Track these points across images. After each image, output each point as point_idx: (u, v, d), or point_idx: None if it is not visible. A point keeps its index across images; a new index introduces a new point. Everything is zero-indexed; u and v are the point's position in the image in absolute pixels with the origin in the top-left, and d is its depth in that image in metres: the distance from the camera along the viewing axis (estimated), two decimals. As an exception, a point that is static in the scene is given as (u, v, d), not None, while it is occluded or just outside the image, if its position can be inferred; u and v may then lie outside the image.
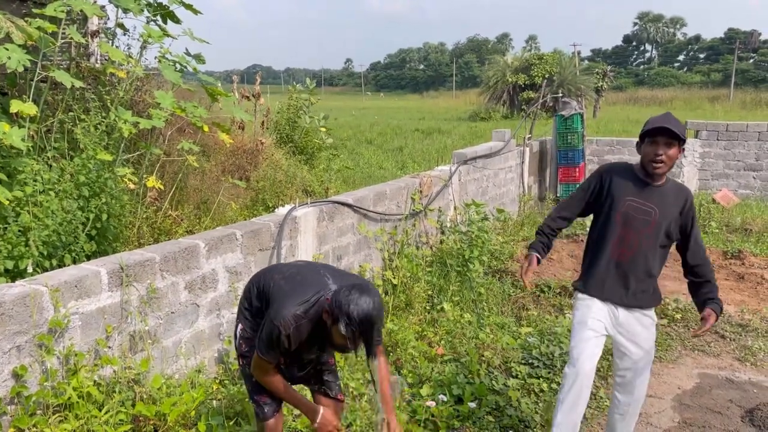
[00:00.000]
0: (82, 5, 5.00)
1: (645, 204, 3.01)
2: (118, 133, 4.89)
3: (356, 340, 2.33)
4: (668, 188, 3.05)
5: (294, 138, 10.01)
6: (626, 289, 3.08)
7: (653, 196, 3.02)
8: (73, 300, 3.05)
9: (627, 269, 3.06)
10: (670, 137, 2.90)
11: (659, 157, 2.92)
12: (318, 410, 2.66)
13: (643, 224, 3.01)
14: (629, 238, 3.04)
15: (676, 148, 2.93)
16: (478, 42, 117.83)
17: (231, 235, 4.01)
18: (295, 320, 2.43)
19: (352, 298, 2.30)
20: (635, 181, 3.07)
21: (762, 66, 74.48)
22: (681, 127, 2.92)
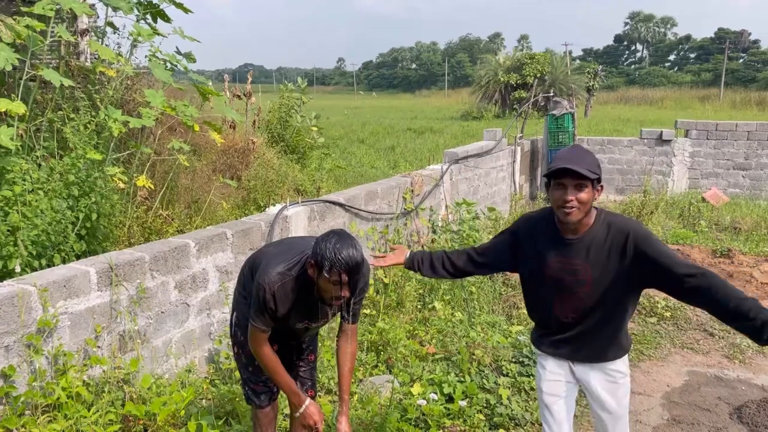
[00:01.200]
0: (71, 4, 4.97)
1: (569, 264, 2.52)
2: (107, 132, 4.87)
3: (343, 283, 2.34)
4: (594, 233, 2.50)
5: (285, 137, 10.00)
6: (578, 351, 2.66)
7: (577, 253, 2.51)
8: (62, 300, 3.04)
9: (577, 331, 2.62)
10: (578, 178, 2.39)
11: (569, 203, 2.41)
12: (304, 401, 2.66)
13: (577, 285, 2.53)
14: (568, 299, 2.57)
15: (589, 188, 2.41)
16: (470, 41, 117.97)
17: (221, 235, 4.01)
18: (280, 278, 2.45)
19: (331, 241, 2.34)
20: (554, 235, 2.57)
21: (751, 66, 74.95)
22: (591, 163, 2.43)
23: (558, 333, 2.67)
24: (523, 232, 2.71)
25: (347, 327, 2.74)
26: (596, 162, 2.47)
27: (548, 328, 2.71)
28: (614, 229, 2.48)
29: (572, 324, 2.61)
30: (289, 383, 2.64)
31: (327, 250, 2.31)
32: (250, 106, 9.52)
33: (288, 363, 2.84)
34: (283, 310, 2.50)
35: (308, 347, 2.91)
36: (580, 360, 2.67)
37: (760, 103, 41.00)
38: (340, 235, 2.38)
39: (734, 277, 6.92)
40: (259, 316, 2.50)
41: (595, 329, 2.59)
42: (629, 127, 22.63)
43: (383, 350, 4.60)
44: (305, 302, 2.54)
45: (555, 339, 2.69)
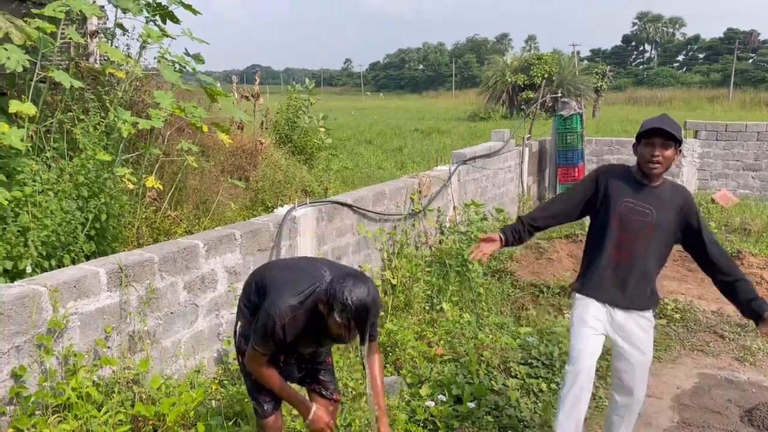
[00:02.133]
0: (81, 5, 5.00)
1: (641, 205, 2.98)
2: (117, 134, 4.89)
3: (352, 328, 2.33)
4: (665, 189, 3.02)
5: (293, 138, 10.01)
6: (623, 291, 3.03)
7: (650, 197, 2.99)
8: (72, 300, 3.05)
9: (625, 271, 3.02)
10: (666, 138, 2.89)
11: (655, 158, 2.91)
12: (311, 407, 2.66)
13: (641, 225, 2.97)
14: (626, 240, 2.99)
15: (673, 149, 2.92)
16: (478, 42, 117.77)
17: (230, 236, 4.01)
18: (291, 311, 2.43)
19: (347, 285, 2.31)
20: (631, 182, 3.04)
21: (761, 66, 74.47)
22: (677, 128, 2.92)
23: (610, 274, 3.03)
24: (603, 175, 3.12)
25: (368, 345, 2.71)
26: (680, 129, 2.96)
27: (601, 270, 3.05)
28: (677, 188, 3.07)
29: (624, 266, 3.00)
30: (293, 395, 2.65)
31: (340, 293, 2.30)
32: (258, 107, 9.53)
33: (303, 369, 2.83)
34: (291, 339, 2.50)
35: (324, 350, 2.90)
36: (622, 305, 3.04)
37: (770, 103, 40.72)
38: (356, 278, 2.36)
39: (744, 279, 6.88)
40: (264, 343, 2.50)
41: (642, 274, 3.00)
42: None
43: (391, 351, 4.60)
44: (314, 331, 2.53)
45: (606, 281, 3.04)
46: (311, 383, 2.88)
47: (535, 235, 3.36)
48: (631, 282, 3.02)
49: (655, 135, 2.90)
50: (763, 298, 2.98)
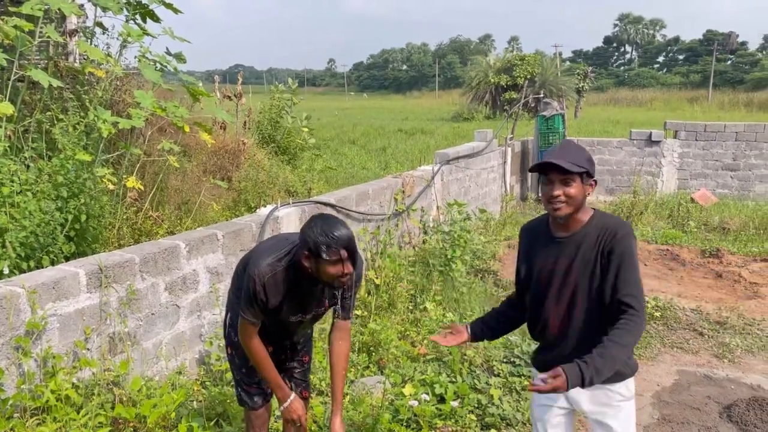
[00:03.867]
0: (60, 4, 4.94)
1: (558, 263, 2.38)
2: (97, 133, 4.84)
3: (345, 260, 2.34)
4: (585, 234, 2.35)
5: (276, 138, 9.97)
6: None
7: (567, 251, 2.37)
8: (51, 302, 3.02)
9: (564, 345, 2.41)
10: (564, 173, 2.28)
11: (555, 198, 2.30)
12: (289, 395, 2.65)
13: (564, 287, 2.38)
14: (554, 307, 2.42)
15: (578, 183, 2.29)
16: (461, 43, 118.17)
17: (212, 236, 3.99)
18: (270, 269, 2.44)
19: (318, 225, 2.35)
20: (545, 237, 2.45)
21: (739, 67, 75.54)
22: (577, 157, 2.31)
23: (547, 347, 2.50)
24: (524, 242, 2.59)
25: (341, 324, 2.72)
26: (585, 156, 2.34)
27: (539, 341, 2.55)
28: (604, 230, 2.31)
29: (559, 336, 2.42)
30: (275, 377, 2.63)
31: (318, 235, 2.32)
32: (241, 107, 9.49)
33: (282, 364, 2.83)
34: (275, 302, 2.49)
35: (303, 348, 2.90)
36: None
37: (748, 104, 41.35)
38: (324, 218, 2.41)
39: (723, 277, 6.98)
40: (249, 308, 2.49)
41: (583, 343, 2.28)
42: (619, 128, 22.76)
43: (375, 351, 4.60)
44: (297, 294, 2.52)
45: (544, 355, 2.52)
46: (284, 379, 2.87)
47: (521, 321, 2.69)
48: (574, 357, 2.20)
49: (549, 170, 2.32)
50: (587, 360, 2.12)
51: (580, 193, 2.30)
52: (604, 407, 2.43)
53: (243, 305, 2.51)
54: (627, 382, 2.43)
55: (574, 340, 2.37)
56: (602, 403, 2.43)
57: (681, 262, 7.52)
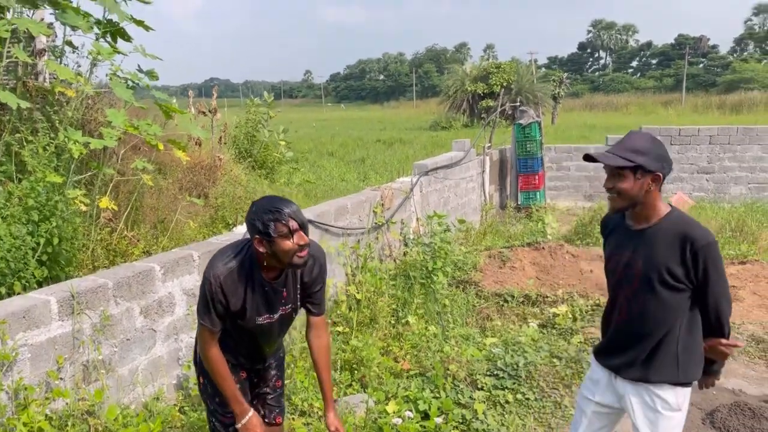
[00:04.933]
0: (27, 24, 4.86)
1: (625, 254, 2.45)
2: (67, 154, 4.75)
3: (296, 231, 2.29)
4: (657, 231, 2.37)
5: (253, 152, 9.91)
6: (623, 359, 2.48)
7: (636, 243, 2.42)
8: (22, 331, 2.93)
9: (624, 336, 2.49)
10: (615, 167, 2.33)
11: (609, 190, 2.38)
12: (247, 411, 2.53)
13: (628, 279, 2.44)
14: (620, 297, 2.50)
15: (630, 176, 2.30)
16: (437, 52, 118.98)
17: (188, 257, 3.92)
18: (226, 268, 2.37)
19: (259, 206, 2.31)
20: (620, 227, 2.51)
21: (711, 70, 77.05)
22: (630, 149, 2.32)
23: (609, 336, 2.56)
24: (603, 227, 2.69)
25: (315, 320, 2.68)
26: (642, 148, 2.30)
27: (606, 329, 2.61)
28: (679, 229, 2.34)
29: (621, 327, 2.49)
30: (233, 390, 2.52)
31: (262, 214, 2.28)
32: (216, 122, 9.40)
33: (254, 389, 2.77)
34: (236, 302, 2.40)
35: (276, 374, 2.83)
36: (623, 373, 2.47)
37: (721, 106, 42.16)
38: (264, 198, 2.37)
39: (701, 281, 7.03)
40: (207, 314, 2.41)
41: (640, 337, 2.41)
42: (595, 133, 23.03)
43: (357, 369, 4.55)
44: (259, 291, 2.44)
45: (605, 344, 2.59)
46: (257, 405, 2.80)
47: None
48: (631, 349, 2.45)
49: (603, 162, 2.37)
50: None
51: (632, 188, 2.31)
52: (650, 411, 2.42)
53: (201, 310, 2.42)
54: (677, 390, 2.41)
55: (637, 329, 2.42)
56: (649, 406, 2.42)
57: (660, 267, 7.57)
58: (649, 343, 2.40)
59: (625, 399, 2.49)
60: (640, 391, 2.44)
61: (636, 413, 2.46)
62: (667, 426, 2.42)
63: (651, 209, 2.38)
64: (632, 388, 2.46)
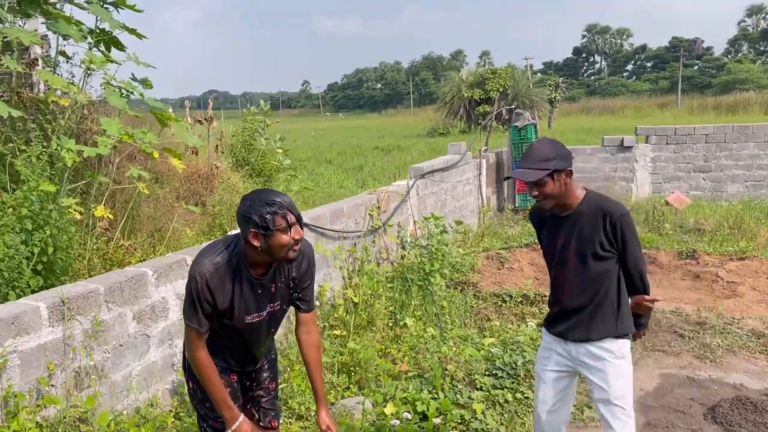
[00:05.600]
0: (19, 33, 4.86)
1: (560, 237, 2.83)
2: (61, 163, 4.73)
3: (293, 223, 2.26)
4: (581, 213, 2.78)
5: (250, 161, 9.89)
6: (571, 326, 2.87)
7: (566, 227, 2.81)
8: (11, 338, 2.90)
9: (569, 307, 2.87)
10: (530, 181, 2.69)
11: (536, 198, 2.76)
12: (238, 417, 2.47)
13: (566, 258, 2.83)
14: (561, 275, 2.88)
15: (551, 182, 2.67)
16: (433, 59, 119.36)
17: (181, 261, 3.90)
18: (213, 266, 2.31)
19: (251, 200, 2.27)
20: (549, 215, 2.90)
21: (706, 72, 77.23)
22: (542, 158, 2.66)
23: (558, 309, 2.93)
24: (532, 221, 3.08)
25: (304, 317, 2.65)
26: (549, 154, 2.68)
27: (552, 305, 3.00)
28: (597, 208, 2.76)
29: (565, 299, 2.88)
30: (223, 395, 2.46)
31: (260, 207, 2.23)
32: (212, 131, 9.40)
33: (247, 393, 2.72)
34: (223, 301, 2.34)
35: (268, 375, 2.78)
36: (571, 336, 2.88)
37: (717, 107, 42.22)
38: (256, 191, 2.33)
39: (701, 278, 7.01)
40: (194, 314, 2.34)
41: (582, 304, 2.82)
42: (592, 136, 23.02)
43: (354, 371, 4.51)
44: (247, 288, 2.39)
45: (554, 316, 2.97)
46: (251, 409, 2.75)
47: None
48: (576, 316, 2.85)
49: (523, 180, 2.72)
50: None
51: (554, 189, 2.70)
52: (599, 362, 2.82)
53: (187, 310, 2.36)
54: (617, 342, 2.83)
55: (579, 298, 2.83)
56: (597, 358, 2.82)
57: (659, 266, 7.54)
58: (590, 307, 2.82)
59: (576, 359, 2.89)
60: (587, 348, 2.84)
61: (587, 367, 2.87)
62: (616, 372, 2.82)
63: (571, 197, 2.79)
64: (581, 348, 2.86)
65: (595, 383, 2.84)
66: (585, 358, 2.85)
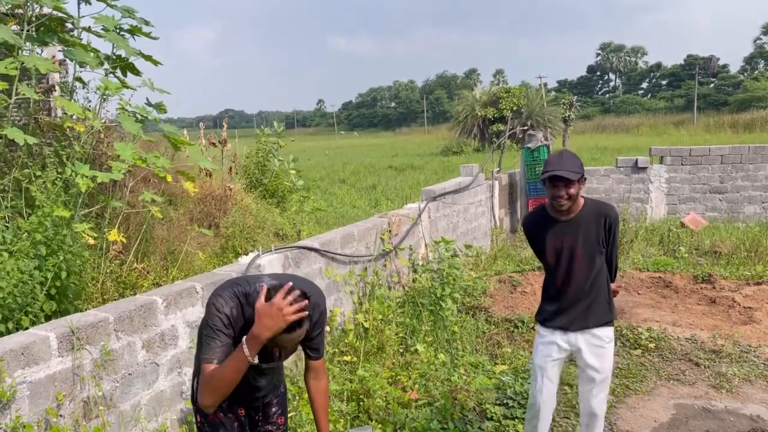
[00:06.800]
0: (35, 61, 4.95)
1: (566, 240, 3.29)
2: (75, 188, 4.79)
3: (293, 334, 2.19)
4: (583, 216, 3.30)
5: (264, 182, 9.97)
6: (573, 317, 3.35)
7: (571, 230, 3.30)
8: (20, 368, 2.91)
9: (572, 300, 3.34)
10: (567, 180, 3.16)
11: (561, 197, 3.20)
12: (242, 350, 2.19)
13: (573, 257, 3.29)
14: (566, 272, 3.32)
15: (576, 185, 3.19)
16: (447, 78, 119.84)
17: (191, 289, 3.91)
18: (235, 296, 2.32)
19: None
20: (551, 221, 3.35)
21: (722, 90, 76.70)
22: (575, 167, 3.19)
23: (560, 305, 3.36)
24: (529, 229, 3.49)
25: (314, 364, 2.64)
26: (579, 163, 3.24)
27: (553, 301, 3.40)
28: (597, 211, 3.31)
29: (569, 294, 3.32)
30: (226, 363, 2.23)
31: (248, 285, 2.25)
32: (226, 153, 9.49)
33: (255, 427, 2.70)
34: (237, 331, 2.30)
35: (277, 410, 2.76)
36: (573, 328, 3.34)
37: (733, 125, 41.89)
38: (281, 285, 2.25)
39: (717, 303, 6.90)
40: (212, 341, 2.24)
41: (585, 297, 3.31)
42: (606, 155, 22.92)
43: (364, 400, 4.48)
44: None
45: (553, 311, 3.39)
46: None
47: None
48: (579, 308, 3.34)
49: (557, 179, 3.18)
50: None
51: (577, 191, 3.22)
52: (595, 347, 3.33)
53: (206, 344, 2.27)
54: (611, 328, 3.37)
55: (583, 292, 3.31)
56: (594, 344, 3.33)
57: (674, 290, 7.45)
58: (590, 298, 3.32)
59: (576, 345, 3.36)
60: (586, 336, 3.35)
61: (586, 352, 3.34)
62: (609, 354, 3.38)
63: (578, 202, 3.30)
64: (581, 336, 3.35)
65: (590, 365, 3.34)
66: (584, 344, 3.34)
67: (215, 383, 2.24)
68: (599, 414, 3.45)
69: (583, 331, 3.34)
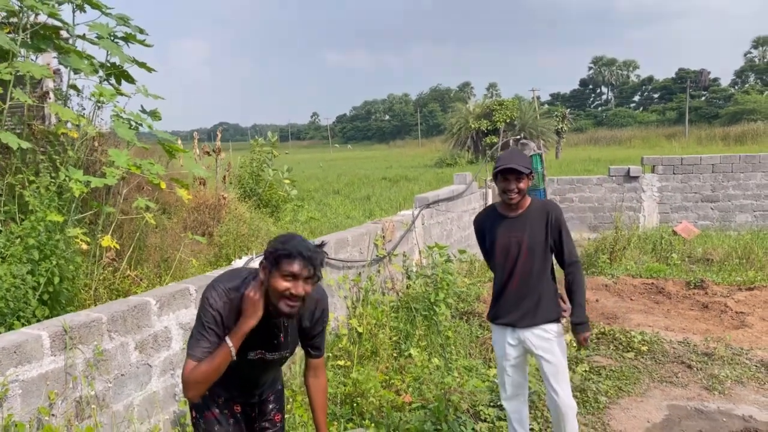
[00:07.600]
0: (30, 67, 4.97)
1: (513, 235, 3.38)
2: (69, 194, 4.80)
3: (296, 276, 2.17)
4: (529, 213, 3.40)
5: (258, 191, 9.99)
6: (521, 315, 3.40)
7: (518, 226, 3.39)
8: (12, 367, 2.90)
9: (517, 293, 3.41)
10: (518, 173, 3.28)
11: (512, 191, 3.31)
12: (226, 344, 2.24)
13: (519, 253, 3.36)
14: (512, 269, 3.39)
15: (525, 179, 3.31)
16: (441, 91, 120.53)
17: (184, 291, 3.91)
18: (227, 293, 2.29)
19: (287, 237, 2.26)
20: (500, 218, 3.46)
21: (713, 103, 77.41)
22: (525, 162, 3.33)
23: (506, 301, 3.43)
24: (479, 225, 3.61)
25: (314, 362, 2.64)
26: (529, 160, 3.42)
27: (500, 298, 3.47)
28: (543, 206, 3.44)
29: (514, 291, 3.40)
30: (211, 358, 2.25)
31: (279, 245, 2.21)
32: (220, 162, 9.52)
33: (252, 424, 2.69)
34: (230, 323, 2.29)
35: (274, 407, 2.75)
36: (521, 325, 3.41)
37: (725, 138, 42.21)
38: (297, 236, 2.28)
39: (709, 308, 6.94)
40: (203, 336, 2.24)
41: (530, 294, 3.38)
42: (599, 167, 23.04)
43: (357, 402, 4.47)
44: (258, 326, 2.31)
45: (500, 309, 3.46)
46: None
47: None
48: (525, 305, 3.40)
49: (507, 172, 3.29)
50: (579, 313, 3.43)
51: (526, 186, 3.34)
52: (544, 342, 3.40)
53: (196, 333, 2.27)
54: (557, 324, 3.44)
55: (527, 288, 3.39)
56: (542, 338, 3.40)
57: (666, 295, 7.48)
58: (536, 295, 3.39)
59: (526, 342, 3.42)
60: (534, 332, 3.40)
61: (537, 347, 3.40)
62: (559, 348, 3.42)
63: (525, 200, 3.41)
64: (528, 332, 3.41)
65: (545, 359, 3.39)
66: (534, 340, 3.40)
67: (196, 377, 2.26)
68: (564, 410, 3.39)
69: (530, 327, 3.40)
